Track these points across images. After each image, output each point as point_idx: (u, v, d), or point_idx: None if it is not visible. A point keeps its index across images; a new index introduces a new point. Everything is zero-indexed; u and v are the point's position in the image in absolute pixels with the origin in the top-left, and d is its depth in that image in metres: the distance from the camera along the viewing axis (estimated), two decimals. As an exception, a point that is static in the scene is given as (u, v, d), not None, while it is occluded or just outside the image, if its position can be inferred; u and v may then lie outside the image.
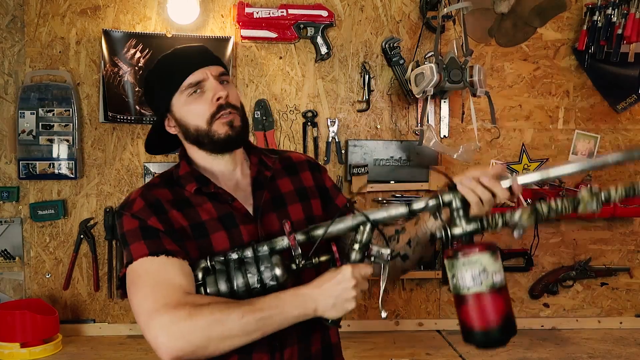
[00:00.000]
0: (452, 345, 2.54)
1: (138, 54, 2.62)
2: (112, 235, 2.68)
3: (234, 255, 1.31)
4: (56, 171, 2.64)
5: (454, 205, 1.22)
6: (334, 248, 1.28)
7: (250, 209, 1.43)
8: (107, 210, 2.69)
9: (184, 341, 1.20)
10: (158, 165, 2.68)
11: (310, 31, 2.68)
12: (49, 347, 2.46)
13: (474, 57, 2.64)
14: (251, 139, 2.44)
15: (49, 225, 2.69)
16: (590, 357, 2.46)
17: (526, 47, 2.79)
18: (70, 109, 2.63)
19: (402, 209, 1.28)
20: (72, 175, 2.65)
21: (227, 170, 1.48)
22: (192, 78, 1.39)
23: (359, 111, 2.76)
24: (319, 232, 1.31)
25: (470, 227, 1.21)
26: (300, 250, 1.30)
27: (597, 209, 1.19)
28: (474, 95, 2.48)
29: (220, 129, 1.39)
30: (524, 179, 1.26)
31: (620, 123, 2.83)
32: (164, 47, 2.61)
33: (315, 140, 2.74)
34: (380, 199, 2.76)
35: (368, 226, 1.26)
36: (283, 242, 1.32)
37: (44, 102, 2.62)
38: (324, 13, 2.68)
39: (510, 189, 1.25)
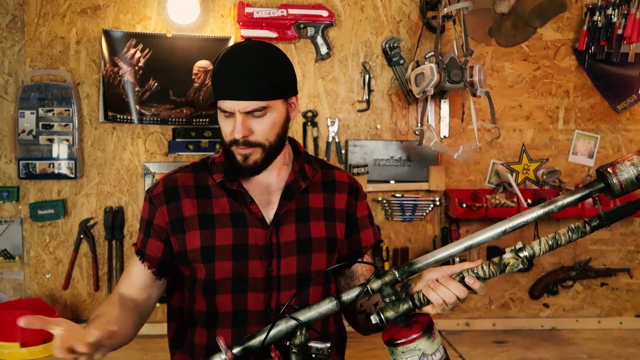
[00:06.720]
0: (452, 345, 2.54)
1: (138, 54, 2.62)
2: (112, 235, 2.68)
3: None
4: (56, 171, 2.64)
5: (384, 292, 1.25)
6: (273, 354, 1.24)
7: (270, 215, 1.44)
8: (107, 210, 2.69)
9: None
10: (158, 165, 2.68)
11: (311, 31, 2.68)
12: (48, 347, 2.46)
13: (474, 57, 2.64)
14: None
15: (48, 225, 2.69)
16: (590, 357, 2.46)
17: (526, 47, 2.79)
18: (70, 109, 2.63)
19: (331, 305, 1.28)
20: (72, 175, 2.65)
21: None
22: (222, 104, 1.38)
23: (359, 111, 2.76)
24: (256, 342, 1.26)
25: (403, 309, 1.24)
26: None
27: (525, 268, 1.23)
28: (474, 95, 2.48)
29: (236, 155, 1.40)
30: (472, 273, 1.23)
31: (620, 123, 2.84)
32: (164, 47, 2.62)
33: (316, 140, 2.74)
34: (380, 199, 2.76)
35: (303, 329, 1.27)
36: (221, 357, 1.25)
37: (44, 102, 2.62)
38: (324, 13, 2.68)
39: (467, 285, 1.23)
